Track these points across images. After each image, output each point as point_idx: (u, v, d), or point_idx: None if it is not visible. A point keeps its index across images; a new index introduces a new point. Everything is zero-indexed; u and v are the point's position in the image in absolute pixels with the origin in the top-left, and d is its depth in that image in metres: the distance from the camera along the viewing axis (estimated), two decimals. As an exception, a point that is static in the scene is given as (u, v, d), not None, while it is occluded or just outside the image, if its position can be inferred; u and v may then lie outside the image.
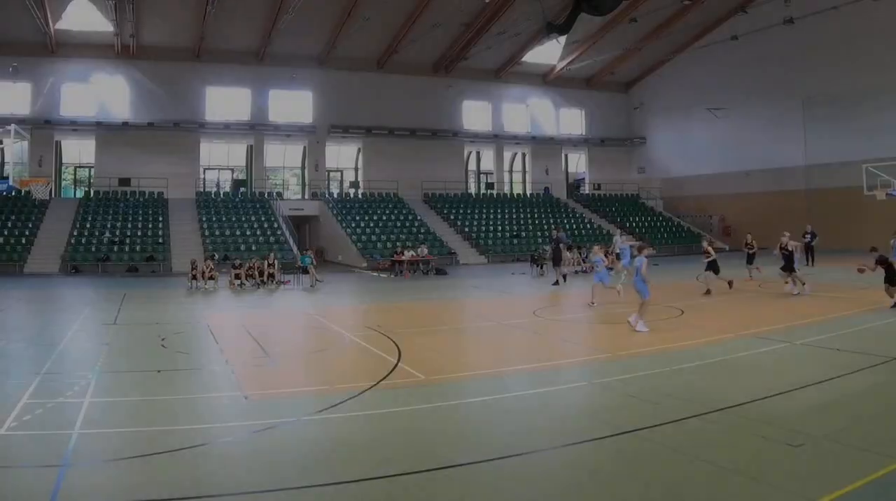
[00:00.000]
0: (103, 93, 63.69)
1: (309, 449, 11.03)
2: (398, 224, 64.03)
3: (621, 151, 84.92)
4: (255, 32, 62.97)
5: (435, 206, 70.42)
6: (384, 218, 64.83)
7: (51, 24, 56.97)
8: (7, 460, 10.35)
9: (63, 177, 66.85)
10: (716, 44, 65.96)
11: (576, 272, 45.18)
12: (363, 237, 59.47)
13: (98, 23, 58.52)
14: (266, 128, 68.91)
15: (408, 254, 49.73)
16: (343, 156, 74.42)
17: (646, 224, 73.83)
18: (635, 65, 77.75)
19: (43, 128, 60.46)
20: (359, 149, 73.47)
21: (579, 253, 48.04)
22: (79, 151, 66.71)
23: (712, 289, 30.54)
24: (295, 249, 55.00)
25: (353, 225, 61.57)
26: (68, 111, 62.56)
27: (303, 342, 20.75)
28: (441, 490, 9.21)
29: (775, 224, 61.26)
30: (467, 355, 19.43)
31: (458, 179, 76.49)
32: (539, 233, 64.94)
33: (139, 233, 55.64)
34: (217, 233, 57.41)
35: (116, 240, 53.84)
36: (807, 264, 44.82)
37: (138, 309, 30.15)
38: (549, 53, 74.43)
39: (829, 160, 62.11)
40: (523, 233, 65.43)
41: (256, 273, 40.84)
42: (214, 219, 60.12)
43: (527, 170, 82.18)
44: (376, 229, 61.63)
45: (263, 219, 61.42)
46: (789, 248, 31.00)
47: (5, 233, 53.11)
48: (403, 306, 30.43)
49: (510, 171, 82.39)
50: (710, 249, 32.32)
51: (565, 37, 64.02)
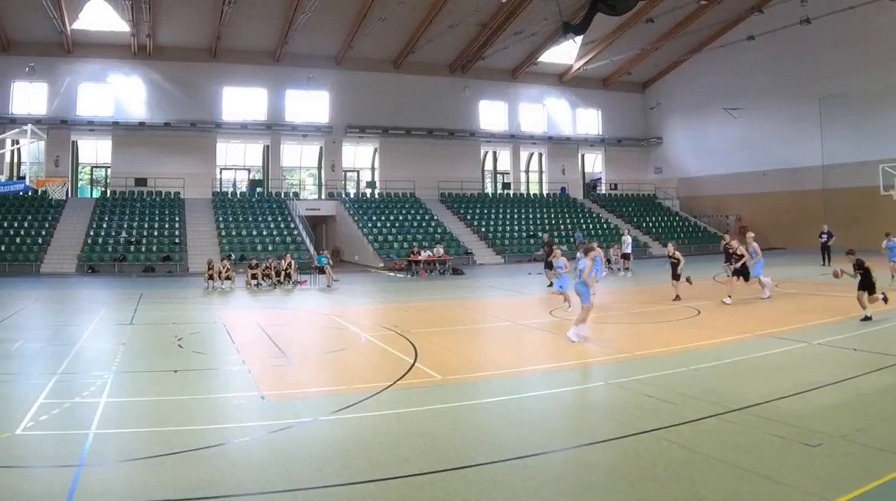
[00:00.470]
0: (120, 93, 63.79)
1: (325, 450, 11.03)
2: (415, 224, 64.01)
3: (638, 151, 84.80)
4: (271, 32, 62.97)
5: (451, 206, 70.36)
6: (401, 218, 64.80)
7: (67, 25, 56.99)
8: (24, 460, 10.39)
9: (79, 177, 67.01)
10: (732, 44, 65.75)
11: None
12: (379, 237, 59.43)
13: (114, 23, 58.59)
14: (283, 128, 68.92)
15: (424, 254, 49.70)
16: (360, 156, 74.35)
17: (662, 224, 73.68)
18: (651, 65, 77.56)
19: (59, 128, 60.54)
20: (375, 149, 73.42)
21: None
22: (95, 151, 66.80)
23: (681, 295, 29.92)
24: (311, 249, 54.95)
25: (370, 225, 61.53)
26: (85, 111, 62.68)
27: (319, 342, 20.72)
28: (458, 490, 9.17)
29: (792, 224, 61.40)
30: (484, 355, 19.38)
31: (474, 179, 76.46)
32: (556, 233, 64.87)
33: (155, 233, 55.67)
34: (233, 232, 57.46)
35: (133, 239, 53.87)
36: (823, 264, 44.69)
37: (155, 310, 30.21)
38: (565, 53, 74.38)
39: (846, 160, 61.86)
40: (540, 233, 65.18)
41: (273, 273, 40.82)
42: (231, 218, 60.15)
43: (543, 170, 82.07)
44: (393, 229, 61.57)
45: (280, 219, 61.45)
46: (739, 253, 30.08)
47: (21, 233, 53.35)
48: (420, 306, 30.31)
49: (527, 171, 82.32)
50: (676, 253, 31.62)
51: (581, 37, 64.03)
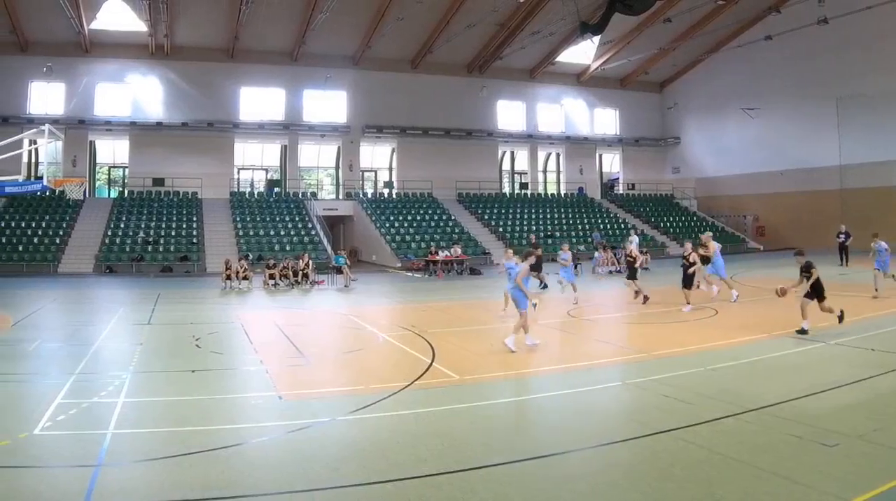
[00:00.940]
0: (137, 93, 64.04)
1: (343, 450, 11.05)
2: (432, 224, 63.96)
3: (655, 151, 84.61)
4: (289, 32, 63.03)
5: (469, 206, 70.31)
6: (418, 218, 64.80)
7: (85, 25, 57.28)
8: (41, 460, 10.43)
9: (97, 177, 67.22)
10: (750, 43, 65.44)
11: (610, 272, 45.11)
12: (397, 237, 59.38)
13: (132, 23, 58.77)
14: (300, 128, 69.02)
15: (442, 254, 49.73)
16: (377, 156, 74.42)
17: (680, 224, 73.49)
18: (669, 64, 77.29)
19: (77, 127, 60.83)
20: (393, 149, 73.47)
21: (613, 254, 47.97)
22: (113, 151, 67.01)
23: (643, 294, 29.39)
24: (329, 249, 54.98)
25: (388, 225, 61.54)
26: (102, 111, 62.95)
27: (337, 342, 20.72)
28: (475, 490, 9.19)
29: (809, 224, 61.22)
30: (501, 355, 19.37)
31: (492, 179, 76.38)
32: (573, 233, 64.82)
33: (173, 233, 55.85)
34: (251, 232, 57.52)
35: (150, 239, 54.01)
36: (841, 264, 44.57)
37: (172, 310, 30.27)
38: (583, 53, 74.29)
39: (863, 160, 61.69)
40: (557, 233, 65.14)
41: (290, 273, 40.88)
42: (248, 218, 60.24)
43: (561, 169, 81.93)
44: (410, 229, 61.54)
45: (297, 219, 61.53)
46: (691, 260, 28.97)
47: (39, 233, 53.57)
48: (437, 306, 30.26)
49: (544, 171, 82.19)
50: (636, 254, 30.96)
51: (599, 36, 64.07)
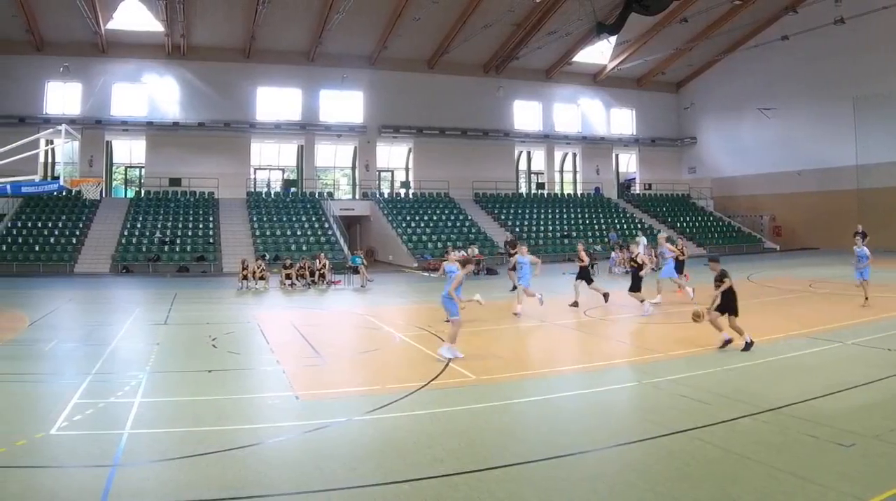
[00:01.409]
0: (154, 93, 64.29)
1: (360, 450, 11.07)
2: (448, 224, 63.99)
3: (672, 151, 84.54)
4: (305, 32, 63.14)
5: (485, 206, 70.30)
6: (434, 218, 64.83)
7: (101, 25, 57.39)
8: (58, 460, 10.46)
9: (113, 177, 67.46)
10: (766, 44, 65.57)
11: (626, 272, 45.09)
12: (413, 237, 59.39)
13: (149, 23, 58.97)
14: (317, 128, 69.13)
15: (458, 254, 49.71)
16: (394, 156, 74.45)
17: (697, 224, 73.44)
18: (685, 64, 77.26)
19: (94, 128, 61.03)
20: (409, 149, 73.50)
21: (629, 254, 47.94)
22: (129, 151, 67.28)
23: (580, 302, 28.44)
24: (345, 249, 54.87)
25: (404, 225, 61.56)
26: (119, 111, 63.16)
27: (353, 342, 20.71)
28: (491, 490, 9.21)
29: (826, 224, 61.09)
30: (518, 355, 19.33)
31: (508, 179, 76.41)
32: (590, 233, 64.83)
33: (190, 233, 55.97)
34: (268, 232, 57.60)
35: (167, 240, 54.14)
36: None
37: (189, 310, 30.34)
38: (599, 53, 74.32)
39: (880, 160, 61.66)
40: (574, 233, 65.11)
41: (307, 273, 40.93)
42: (265, 218, 60.33)
43: (577, 169, 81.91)
44: (427, 229, 61.54)
45: (314, 219, 61.59)
46: (639, 261, 27.92)
47: (56, 233, 53.77)
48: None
49: (561, 171, 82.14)
50: (583, 255, 29.47)
51: (615, 37, 64.02)
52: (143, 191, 64.12)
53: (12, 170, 22.50)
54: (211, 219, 59.07)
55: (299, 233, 58.39)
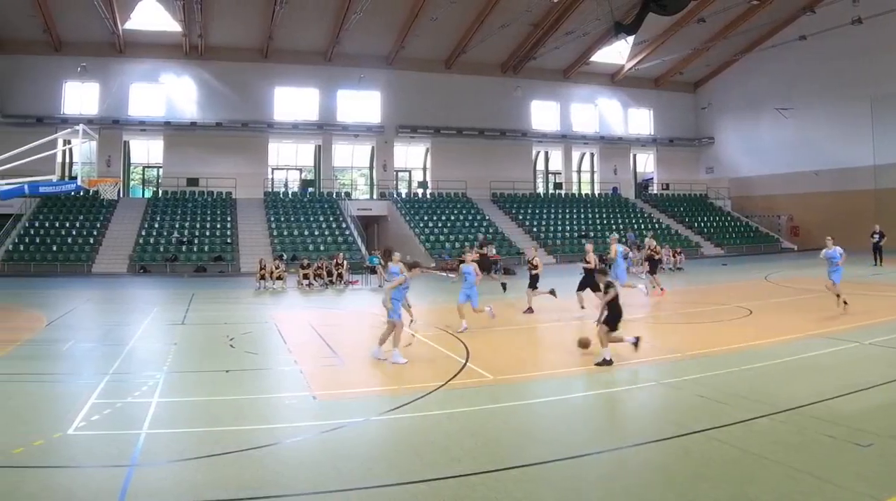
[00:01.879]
0: (171, 93, 64.56)
1: (377, 449, 11.12)
2: (466, 224, 63.98)
3: (689, 151, 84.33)
4: (323, 32, 63.20)
5: (503, 206, 70.31)
6: (452, 218, 64.86)
7: (119, 25, 57.67)
8: (76, 460, 10.50)
9: (131, 177, 67.65)
10: (783, 44, 65.50)
11: (643, 273, 44.99)
12: (431, 237, 59.42)
13: (166, 23, 59.20)
14: (334, 128, 69.21)
15: (475, 255, 49.75)
16: (411, 156, 74.55)
17: (714, 224, 73.37)
18: (703, 64, 77.07)
19: (111, 128, 61.24)
20: (427, 149, 73.57)
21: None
22: (147, 151, 67.50)
23: (534, 308, 27.69)
24: (363, 249, 55.07)
25: (422, 225, 61.62)
26: (136, 111, 63.48)
27: (371, 342, 20.69)
28: (509, 490, 9.20)
29: (843, 224, 60.92)
30: (535, 355, 19.33)
31: (526, 179, 76.34)
32: (607, 234, 64.76)
33: (207, 233, 56.17)
34: (285, 232, 57.70)
35: (185, 240, 54.34)
36: (875, 264, 44.37)
37: (206, 310, 30.46)
38: (616, 53, 74.30)
39: (898, 160, 61.54)
40: (591, 233, 65.04)
41: (325, 273, 41.02)
42: (283, 219, 60.46)
43: (595, 169, 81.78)
44: (444, 229, 61.56)
45: (332, 219, 61.68)
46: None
47: (73, 233, 54.09)
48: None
49: (578, 171, 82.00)
50: (537, 261, 28.91)
51: (633, 37, 64.00)
52: (160, 191, 64.30)
53: (30, 170, 22.60)
54: (228, 219, 59.22)
55: (317, 233, 58.45)
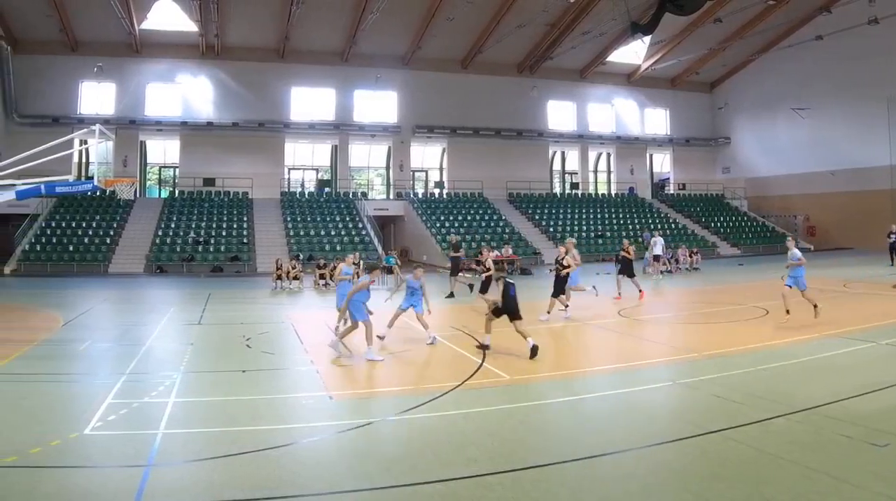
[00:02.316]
0: (188, 93, 64.75)
1: (393, 450, 11.15)
2: (483, 224, 64.00)
3: (706, 151, 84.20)
4: (339, 32, 63.29)
5: (519, 206, 70.26)
6: (469, 218, 64.80)
7: (135, 25, 57.84)
8: (92, 460, 10.55)
9: (147, 177, 67.87)
10: (800, 43, 65.29)
11: (661, 273, 44.93)
12: (448, 237, 59.31)
13: (182, 23, 59.37)
14: (351, 128, 69.30)
15: (492, 254, 49.78)
16: (428, 156, 74.57)
17: (731, 224, 73.26)
18: (719, 64, 76.90)
19: (128, 128, 61.43)
20: (443, 149, 73.55)
21: (664, 254, 47.75)
22: (163, 151, 67.77)
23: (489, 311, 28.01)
24: (380, 249, 55.05)
25: (438, 225, 61.58)
26: (153, 111, 63.63)
27: (387, 342, 20.71)
28: (526, 490, 9.24)
29: (859, 224, 60.71)
30: (552, 355, 19.33)
31: (542, 179, 76.37)
32: (624, 234, 64.72)
33: (224, 233, 56.23)
34: (302, 232, 57.81)
35: (201, 240, 54.47)
36: (892, 264, 44.32)
37: (223, 310, 30.51)
38: (633, 53, 74.20)
39: (914, 160, 61.38)
40: (608, 233, 65.08)
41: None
42: (299, 218, 60.57)
43: (611, 169, 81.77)
44: (461, 229, 61.34)
45: (348, 219, 61.73)
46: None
47: (90, 233, 54.19)
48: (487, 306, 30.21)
49: (595, 171, 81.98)
50: (489, 263, 28.63)
51: (650, 37, 63.92)
52: (176, 191, 64.55)
53: (46, 170, 22.63)
54: (245, 219, 59.31)
55: (333, 233, 58.53)
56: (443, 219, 63.28)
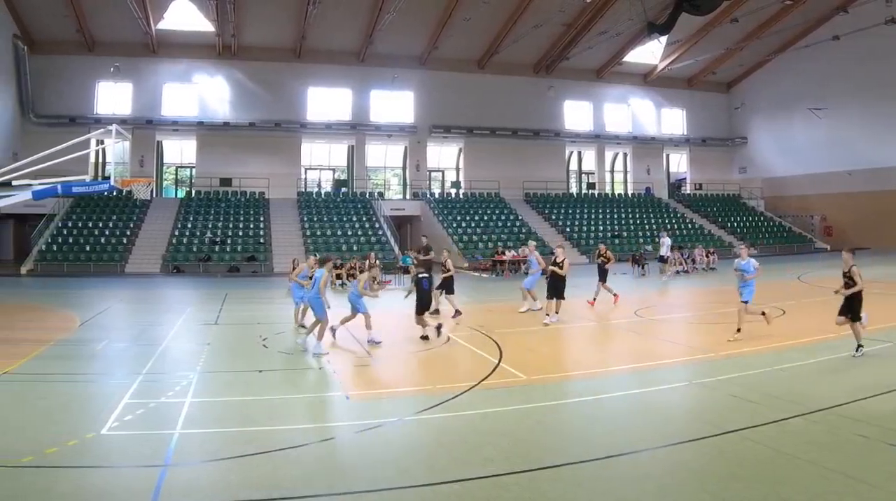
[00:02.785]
0: (204, 93, 64.95)
1: (410, 449, 11.19)
2: (499, 224, 63.95)
3: (722, 151, 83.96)
4: (356, 32, 63.33)
5: (536, 206, 70.22)
6: (485, 218, 64.81)
7: (152, 25, 58.04)
8: (109, 459, 10.58)
9: (164, 177, 68.06)
10: (817, 43, 65.13)
11: (677, 272, 44.88)
12: (464, 237, 59.41)
13: (199, 23, 59.47)
14: (367, 128, 69.32)
15: (509, 254, 49.80)
16: (444, 156, 74.58)
17: (747, 224, 73.21)
18: (736, 64, 76.83)
19: (144, 128, 61.62)
20: (460, 149, 73.53)
21: (681, 254, 47.72)
22: (180, 151, 67.91)
23: (458, 311, 27.53)
24: (396, 249, 55.15)
25: (455, 225, 61.60)
26: (169, 111, 63.88)
27: (404, 342, 20.72)
28: (543, 490, 9.27)
29: (877, 224, 60.60)
30: (568, 355, 19.32)
31: (559, 179, 76.17)
32: (640, 233, 64.62)
33: (240, 233, 56.39)
34: (318, 232, 57.83)
35: (217, 240, 54.59)
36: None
37: (240, 309, 30.67)
38: (649, 53, 73.95)
39: (931, 159, 61.23)
40: (625, 233, 65.05)
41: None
42: (315, 218, 60.65)
43: (628, 169, 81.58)
44: (477, 229, 61.52)
45: (364, 218, 61.80)
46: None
47: (106, 232, 54.46)
48: (505, 306, 30.14)
49: (611, 171, 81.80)
50: (449, 264, 28.32)
51: (666, 37, 63.83)
52: (193, 191, 64.58)
53: (63, 170, 22.64)
54: (261, 218, 59.42)
55: (350, 233, 58.60)
56: (459, 219, 63.29)
